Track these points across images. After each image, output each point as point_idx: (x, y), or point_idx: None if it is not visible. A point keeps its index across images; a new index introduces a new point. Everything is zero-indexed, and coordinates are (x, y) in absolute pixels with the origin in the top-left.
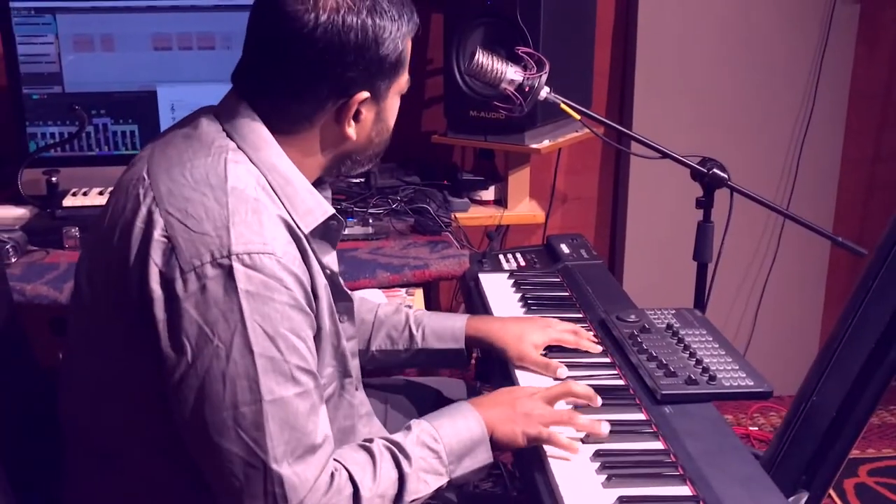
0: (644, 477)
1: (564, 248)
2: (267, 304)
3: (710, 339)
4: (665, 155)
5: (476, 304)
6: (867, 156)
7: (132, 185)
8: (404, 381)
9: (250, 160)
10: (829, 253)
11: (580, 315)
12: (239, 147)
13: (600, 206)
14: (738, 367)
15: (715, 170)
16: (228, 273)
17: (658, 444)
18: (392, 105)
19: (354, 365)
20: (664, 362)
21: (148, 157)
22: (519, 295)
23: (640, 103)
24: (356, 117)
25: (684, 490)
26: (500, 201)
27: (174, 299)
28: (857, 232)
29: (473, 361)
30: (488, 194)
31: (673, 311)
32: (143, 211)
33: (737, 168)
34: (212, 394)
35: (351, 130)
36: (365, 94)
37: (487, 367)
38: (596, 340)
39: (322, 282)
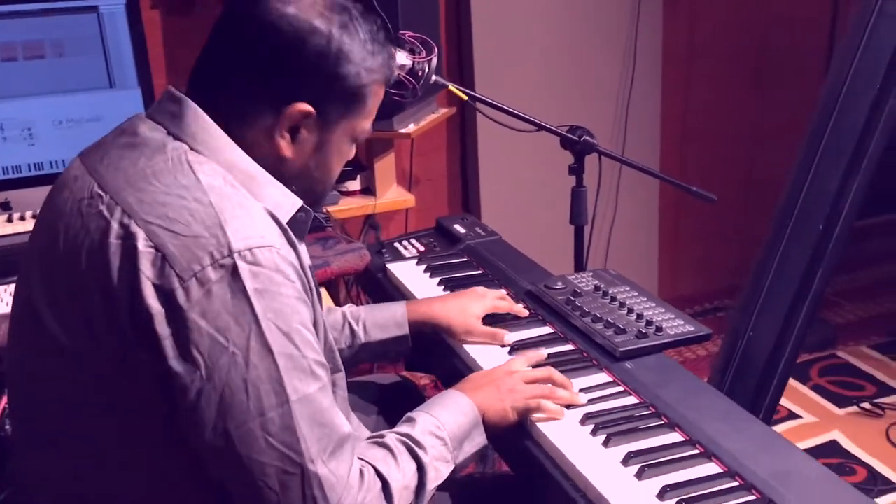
0: (636, 431)
1: (460, 228)
2: (276, 299)
3: (636, 293)
4: (540, 127)
5: (390, 294)
6: (680, 110)
7: (84, 205)
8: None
9: (210, 160)
10: (658, 199)
11: (502, 290)
12: (192, 148)
13: (450, 184)
14: (674, 316)
15: (585, 136)
16: (233, 273)
17: (633, 399)
18: (339, 142)
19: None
20: (611, 321)
21: (90, 173)
22: (437, 279)
23: (480, 74)
24: (294, 134)
25: (676, 436)
26: (368, 190)
27: (177, 311)
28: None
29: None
30: (355, 184)
31: (591, 273)
32: (115, 226)
33: None
34: (234, 405)
35: (285, 144)
36: (306, 107)
37: (421, 357)
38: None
39: (310, 274)
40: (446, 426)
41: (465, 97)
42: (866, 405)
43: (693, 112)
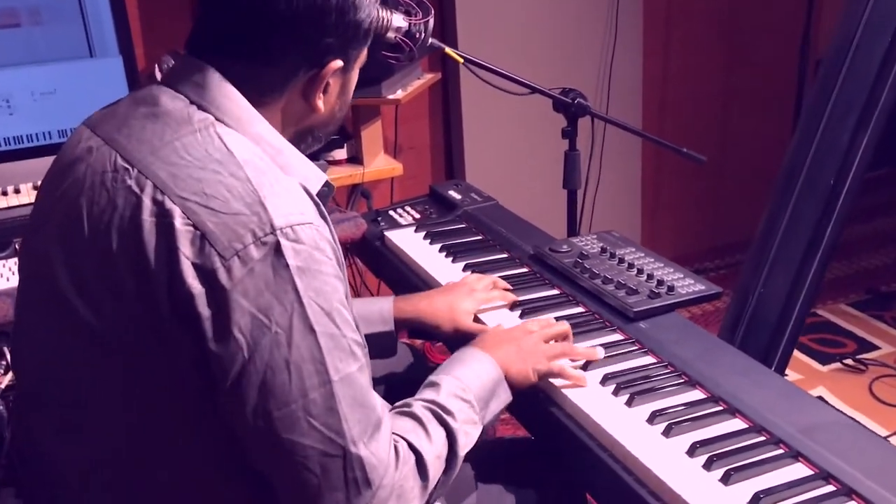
0: (657, 390)
1: (455, 195)
2: (317, 277)
3: (643, 254)
4: (534, 90)
5: (390, 262)
6: (660, 75)
7: (108, 178)
8: None
9: (236, 132)
10: (640, 164)
11: (505, 255)
12: (218, 119)
13: (434, 152)
14: (683, 276)
15: (579, 99)
16: (276, 251)
17: (651, 359)
18: (355, 77)
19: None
20: (622, 282)
21: (108, 143)
22: (437, 246)
23: (463, 40)
24: (325, 88)
25: (698, 394)
26: (355, 158)
27: (219, 291)
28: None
29: None
30: (342, 153)
31: (595, 236)
32: (147, 203)
33: None
34: (276, 387)
35: (320, 103)
36: (339, 63)
37: None
38: (510, 289)
39: (340, 250)
40: (471, 387)
41: (462, 60)
42: (849, 361)
43: (672, 77)
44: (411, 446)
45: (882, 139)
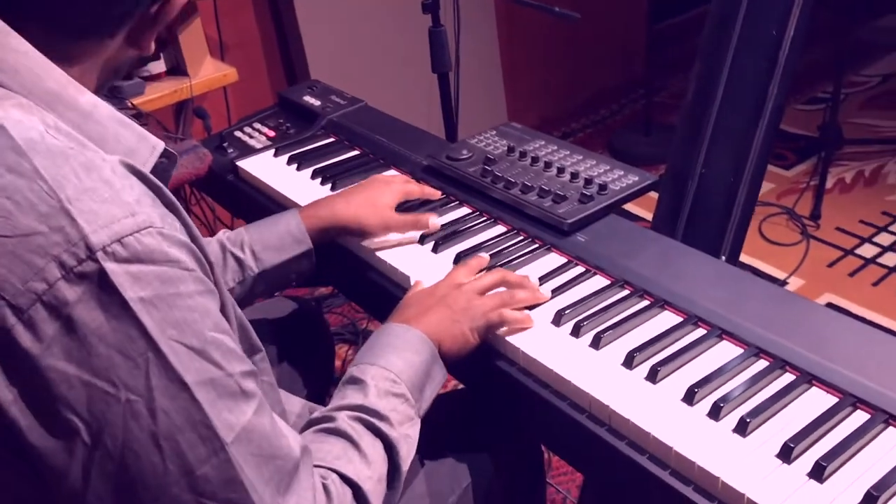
0: (624, 322)
1: (312, 101)
2: (174, 305)
3: (556, 147)
4: None
5: (250, 198)
6: None
7: None
8: None
9: (12, 92)
10: (496, 30)
11: (393, 171)
12: None
13: (266, 47)
14: (610, 168)
15: None
16: (101, 282)
17: (602, 280)
18: None
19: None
20: (545, 189)
21: None
22: (308, 172)
23: None
24: None
25: (671, 317)
26: (177, 69)
27: (24, 360)
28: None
29: None
30: (159, 66)
31: (494, 132)
32: None
33: None
34: (144, 474)
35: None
36: None
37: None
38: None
39: (201, 242)
40: (402, 376)
41: None
42: None
43: None
44: (344, 478)
45: None
